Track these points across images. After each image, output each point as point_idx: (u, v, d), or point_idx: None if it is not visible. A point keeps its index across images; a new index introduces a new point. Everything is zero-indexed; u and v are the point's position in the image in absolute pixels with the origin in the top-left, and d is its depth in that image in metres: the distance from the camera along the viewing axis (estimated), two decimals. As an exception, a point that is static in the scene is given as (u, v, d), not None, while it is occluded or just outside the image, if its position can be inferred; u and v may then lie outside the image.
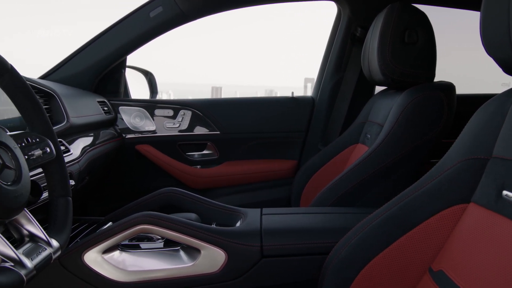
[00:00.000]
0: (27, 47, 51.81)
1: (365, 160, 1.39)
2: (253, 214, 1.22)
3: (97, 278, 1.07)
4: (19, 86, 0.87)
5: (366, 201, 1.40)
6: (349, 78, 2.05)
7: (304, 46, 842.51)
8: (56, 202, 0.93)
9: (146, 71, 2.35)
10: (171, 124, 2.04)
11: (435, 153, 1.41)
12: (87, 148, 1.55)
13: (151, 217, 1.08)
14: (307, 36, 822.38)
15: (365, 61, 1.59)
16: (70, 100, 1.54)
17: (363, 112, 1.75)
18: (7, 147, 0.77)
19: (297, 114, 2.11)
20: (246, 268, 1.08)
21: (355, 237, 0.95)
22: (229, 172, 2.08)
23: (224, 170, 2.08)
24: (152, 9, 1.84)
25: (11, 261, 0.71)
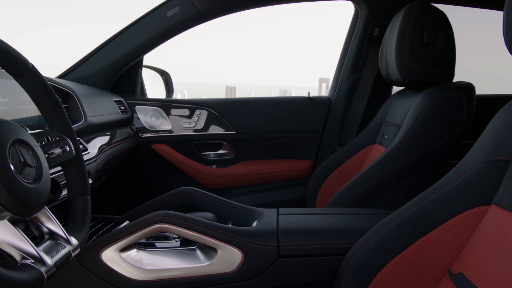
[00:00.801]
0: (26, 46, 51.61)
1: (382, 161, 1.38)
2: (270, 214, 1.21)
3: (114, 276, 1.07)
4: (39, 86, 0.87)
5: (383, 202, 1.39)
6: (366, 78, 2.04)
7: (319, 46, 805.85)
8: (75, 200, 0.93)
9: (162, 71, 2.37)
10: (187, 124, 2.05)
11: (453, 155, 1.39)
12: (104, 147, 1.57)
13: (168, 216, 1.08)
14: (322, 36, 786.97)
15: (383, 61, 1.58)
16: (88, 99, 1.56)
17: (380, 113, 1.74)
18: (28, 145, 0.78)
19: (314, 114, 2.10)
20: (262, 268, 1.08)
21: (372, 239, 0.94)
22: (245, 172, 2.08)
23: (239, 170, 2.08)
24: (169, 9, 1.85)
25: (31, 258, 0.72)
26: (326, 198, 1.74)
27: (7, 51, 0.79)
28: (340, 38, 2.19)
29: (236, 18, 34.04)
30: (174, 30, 1.89)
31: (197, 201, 1.33)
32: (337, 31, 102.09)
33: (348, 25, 2.17)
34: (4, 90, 1.10)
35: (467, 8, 2.02)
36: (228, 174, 2.07)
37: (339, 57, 2.18)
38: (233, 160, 2.10)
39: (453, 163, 1.57)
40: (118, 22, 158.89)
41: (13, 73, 0.84)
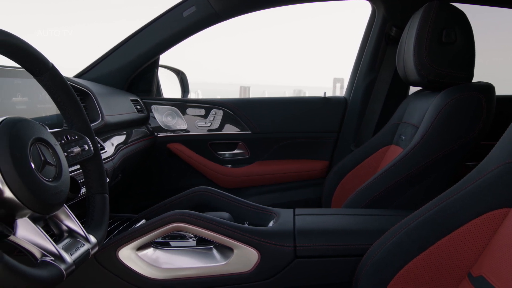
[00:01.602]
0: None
1: (400, 162, 1.37)
2: (286, 214, 1.21)
3: (131, 274, 1.08)
4: (59, 85, 0.88)
5: (401, 203, 1.38)
6: (383, 78, 2.02)
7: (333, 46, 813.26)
8: (94, 198, 0.94)
9: (178, 70, 2.38)
10: (203, 123, 2.05)
11: (472, 156, 1.37)
12: (121, 146, 1.58)
13: (185, 216, 1.09)
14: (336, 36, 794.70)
15: (400, 61, 1.57)
16: (105, 98, 1.57)
17: (397, 113, 1.72)
18: (49, 144, 0.78)
19: (329, 114, 2.09)
20: (279, 268, 1.07)
21: (390, 240, 0.93)
22: (260, 172, 2.08)
23: (254, 169, 2.08)
24: (186, 9, 1.85)
25: (51, 255, 0.72)
26: (341, 199, 1.73)
27: (28, 50, 0.80)
28: (355, 38, 2.18)
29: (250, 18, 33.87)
30: (190, 30, 1.89)
31: (213, 201, 1.34)
32: (352, 31, 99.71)
33: (363, 24, 2.16)
34: (24, 89, 1.11)
35: (488, 7, 1.99)
36: (243, 174, 2.07)
37: (355, 57, 2.17)
38: (248, 160, 2.10)
39: (471, 164, 1.55)
40: (118, 22, 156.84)
41: (34, 72, 0.85)
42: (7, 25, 35.92)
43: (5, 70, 1.04)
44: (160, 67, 2.15)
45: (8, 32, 0.74)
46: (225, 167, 2.08)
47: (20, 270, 0.61)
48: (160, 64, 2.14)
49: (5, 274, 0.59)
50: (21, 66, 0.83)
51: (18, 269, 0.61)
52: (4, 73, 1.04)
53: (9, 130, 0.70)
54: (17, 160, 0.68)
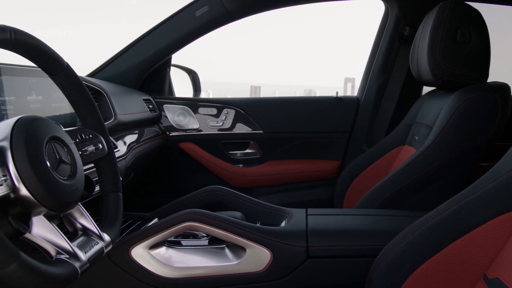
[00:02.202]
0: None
1: (413, 162, 1.36)
2: (299, 214, 1.21)
3: (144, 273, 1.08)
4: (74, 84, 0.89)
5: (414, 204, 1.37)
6: (396, 78, 2.01)
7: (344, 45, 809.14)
8: (107, 197, 0.95)
9: (189, 70, 2.38)
10: (215, 123, 2.05)
11: (487, 156, 1.36)
12: (133, 145, 1.58)
13: (198, 215, 1.09)
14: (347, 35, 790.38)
15: (414, 60, 1.55)
16: (117, 97, 1.58)
17: (410, 113, 1.71)
18: (64, 142, 0.79)
19: (342, 114, 2.08)
20: (291, 268, 1.07)
21: (404, 241, 0.92)
22: (272, 171, 2.07)
23: (266, 169, 2.07)
24: (198, 8, 1.85)
25: (66, 253, 0.73)
26: (353, 199, 1.73)
27: (43, 49, 0.80)
28: (366, 37, 2.17)
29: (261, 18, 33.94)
30: (203, 29, 1.90)
31: (226, 200, 1.34)
32: (363, 31, 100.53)
33: (375, 24, 2.15)
34: (38, 88, 1.12)
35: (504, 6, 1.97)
36: (255, 174, 2.07)
37: (368, 57, 2.16)
38: (260, 159, 2.10)
39: (485, 165, 1.54)
40: (118, 22, 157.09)
41: (49, 72, 0.85)
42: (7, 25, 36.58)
43: (20, 69, 1.05)
44: (172, 66, 2.16)
45: (24, 31, 0.74)
46: (236, 167, 2.08)
47: (36, 267, 0.62)
48: (172, 64, 2.15)
49: (22, 271, 0.60)
50: (37, 65, 0.84)
51: (34, 266, 0.62)
52: (19, 72, 1.05)
53: (25, 128, 0.70)
54: (33, 158, 0.68)
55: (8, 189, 0.65)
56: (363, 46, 2.16)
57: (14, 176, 0.66)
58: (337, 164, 2.09)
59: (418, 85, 1.96)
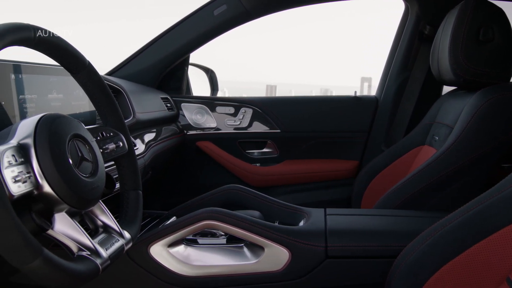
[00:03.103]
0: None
1: (433, 162, 1.34)
2: (317, 214, 1.20)
3: (162, 270, 1.09)
4: (95, 82, 0.90)
5: (434, 205, 1.35)
6: (416, 78, 1.99)
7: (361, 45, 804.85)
8: (128, 195, 0.95)
9: (207, 68, 2.39)
10: (232, 122, 2.05)
11: (508, 157, 1.34)
12: (152, 143, 1.59)
13: (217, 213, 1.09)
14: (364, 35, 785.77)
15: (435, 60, 1.53)
16: (136, 96, 1.59)
17: (430, 113, 1.69)
18: (85, 140, 0.80)
19: (360, 114, 2.07)
20: (309, 268, 1.07)
21: (425, 242, 0.91)
22: (289, 171, 2.07)
23: (283, 168, 2.07)
24: (216, 7, 1.86)
25: (87, 250, 0.74)
26: (372, 200, 1.71)
27: (66, 48, 0.81)
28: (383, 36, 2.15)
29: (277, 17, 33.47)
30: (221, 28, 1.90)
31: (244, 199, 1.34)
32: (381, 30, 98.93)
33: (391, 23, 2.13)
34: (59, 87, 1.13)
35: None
36: (272, 173, 2.06)
37: (387, 56, 2.14)
38: (277, 158, 2.09)
39: (506, 166, 1.51)
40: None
41: (71, 70, 0.86)
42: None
43: (41, 67, 1.06)
44: (190, 65, 2.17)
45: (46, 30, 0.75)
46: (253, 166, 2.08)
47: (59, 264, 0.63)
48: (190, 62, 2.15)
49: (45, 267, 0.60)
50: (59, 64, 0.84)
51: (57, 263, 0.62)
52: (41, 70, 1.06)
53: (49, 126, 0.71)
54: (56, 156, 0.69)
55: (32, 186, 0.66)
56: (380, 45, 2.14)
57: (38, 173, 0.67)
58: (355, 164, 2.08)
59: (438, 85, 1.93)
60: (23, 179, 0.64)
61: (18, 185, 0.63)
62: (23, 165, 0.65)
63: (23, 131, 0.69)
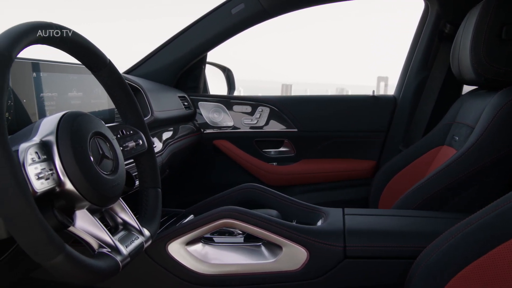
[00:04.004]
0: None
1: (454, 163, 1.32)
2: (335, 214, 1.20)
3: (180, 268, 1.09)
4: (116, 80, 0.90)
5: (453, 205, 1.33)
6: (435, 77, 1.96)
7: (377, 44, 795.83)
8: (147, 192, 0.96)
9: (224, 67, 2.39)
10: (249, 120, 2.05)
11: None
12: (169, 141, 1.60)
13: (235, 212, 1.09)
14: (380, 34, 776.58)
15: (455, 59, 1.51)
16: (154, 94, 1.59)
17: (450, 113, 1.66)
18: (106, 138, 0.80)
19: (378, 113, 2.05)
20: (327, 268, 1.06)
21: (445, 243, 0.90)
22: (306, 170, 2.06)
23: (300, 168, 2.06)
24: (234, 6, 1.86)
25: (108, 247, 0.74)
26: (389, 200, 1.70)
27: (88, 46, 0.82)
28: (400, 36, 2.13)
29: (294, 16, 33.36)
30: (239, 27, 1.90)
31: (261, 198, 1.33)
32: (397, 29, 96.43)
33: (408, 22, 2.10)
34: (79, 85, 1.14)
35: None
36: (289, 172, 2.06)
37: (406, 55, 2.12)
38: (294, 158, 2.09)
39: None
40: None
41: (92, 68, 0.87)
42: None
43: (61, 66, 1.07)
44: (207, 63, 2.17)
45: (68, 28, 0.76)
46: (270, 165, 2.07)
47: (80, 260, 0.63)
48: (207, 61, 2.16)
49: (67, 264, 0.61)
50: (80, 62, 0.85)
51: (79, 259, 0.63)
52: (61, 68, 1.07)
53: (70, 124, 0.72)
54: (77, 153, 0.69)
55: (54, 183, 0.67)
56: (398, 44, 2.12)
57: (60, 170, 0.67)
58: (372, 164, 2.06)
59: (458, 84, 1.91)
60: (46, 176, 0.65)
61: (41, 182, 0.63)
62: (46, 162, 0.66)
63: (46, 129, 0.70)
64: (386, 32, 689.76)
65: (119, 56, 59.56)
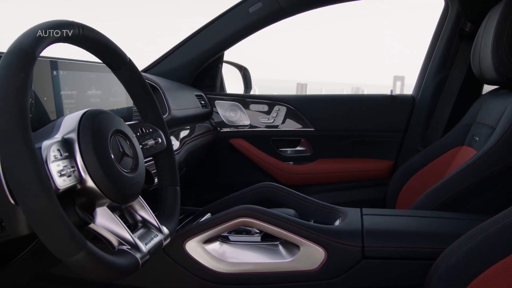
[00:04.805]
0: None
1: (474, 164, 1.30)
2: (353, 214, 1.19)
3: (197, 267, 1.09)
4: (136, 79, 0.90)
5: (474, 207, 1.31)
6: (455, 77, 1.94)
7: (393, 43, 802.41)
8: (166, 190, 0.96)
9: (241, 66, 2.39)
10: (266, 119, 2.05)
11: None
12: (186, 140, 1.60)
13: (253, 211, 1.09)
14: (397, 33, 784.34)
15: (476, 58, 1.49)
16: (171, 93, 1.60)
17: (470, 113, 1.64)
18: (126, 136, 0.81)
19: (396, 113, 2.03)
20: (345, 268, 1.05)
21: (466, 245, 0.89)
22: (322, 169, 2.05)
23: (317, 167, 2.05)
24: (252, 5, 1.86)
25: (128, 244, 0.74)
26: (407, 200, 1.68)
27: (108, 45, 0.82)
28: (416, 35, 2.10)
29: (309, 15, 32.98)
30: (256, 26, 1.89)
31: (278, 197, 1.33)
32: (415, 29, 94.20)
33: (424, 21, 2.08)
34: (98, 83, 1.14)
35: None
36: (305, 171, 2.05)
37: (425, 54, 2.09)
38: (310, 157, 2.08)
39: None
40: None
41: (112, 66, 0.87)
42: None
43: (81, 64, 1.08)
44: (224, 62, 2.17)
45: (90, 27, 0.76)
46: (286, 164, 2.06)
47: (101, 257, 0.63)
48: (223, 60, 2.16)
49: (88, 260, 0.61)
50: (101, 60, 0.85)
51: (100, 256, 0.63)
52: (81, 67, 1.08)
53: (92, 121, 0.72)
54: (99, 151, 0.70)
55: (76, 180, 0.67)
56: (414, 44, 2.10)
57: (81, 167, 0.68)
58: (390, 164, 2.05)
59: (479, 84, 1.88)
60: (67, 173, 0.65)
61: (63, 179, 0.64)
62: (68, 160, 0.67)
63: (67, 126, 0.71)
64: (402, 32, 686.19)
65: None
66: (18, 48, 0.61)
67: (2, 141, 0.56)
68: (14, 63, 0.59)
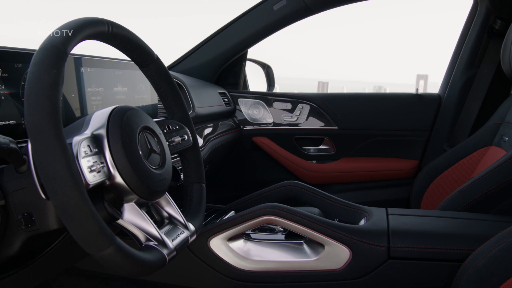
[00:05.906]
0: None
1: (503, 164, 1.27)
2: (379, 213, 1.17)
3: (221, 264, 1.10)
4: (163, 76, 0.91)
5: (502, 209, 1.28)
6: (484, 75, 1.90)
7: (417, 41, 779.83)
8: (192, 187, 0.96)
9: (264, 64, 2.38)
10: (289, 118, 2.04)
11: None
12: (210, 137, 1.61)
13: (277, 209, 1.08)
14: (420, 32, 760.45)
15: (506, 56, 1.46)
16: (195, 90, 1.61)
17: (498, 112, 1.60)
18: (154, 133, 0.81)
19: (421, 112, 2.00)
20: (370, 268, 1.04)
21: (496, 247, 0.87)
22: (346, 168, 2.03)
23: (340, 166, 2.04)
24: (276, 2, 1.85)
25: (155, 240, 0.75)
26: (432, 201, 1.65)
27: (137, 42, 0.83)
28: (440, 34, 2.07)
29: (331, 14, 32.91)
30: (280, 24, 1.89)
31: (303, 196, 1.32)
32: (439, 27, 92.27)
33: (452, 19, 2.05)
34: (124, 80, 1.16)
35: None
36: (328, 170, 2.04)
37: (452, 52, 2.05)
38: (334, 156, 2.06)
39: None
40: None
41: (140, 64, 0.88)
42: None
43: (108, 61, 1.09)
44: (247, 60, 2.17)
45: (119, 24, 0.77)
46: (309, 162, 2.05)
47: (129, 252, 0.64)
48: (247, 58, 2.16)
49: (117, 255, 0.62)
50: (129, 57, 0.86)
51: (128, 251, 0.63)
52: (108, 64, 1.09)
53: (120, 118, 0.73)
54: (127, 147, 0.70)
55: (105, 176, 0.68)
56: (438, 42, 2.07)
57: (110, 163, 0.68)
58: (415, 164, 2.02)
59: (508, 83, 1.84)
60: (97, 169, 0.66)
61: (93, 175, 0.65)
62: (97, 155, 0.67)
63: (97, 122, 0.71)
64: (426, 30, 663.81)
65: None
66: (50, 45, 0.61)
67: (35, 137, 0.56)
68: (46, 59, 0.60)
